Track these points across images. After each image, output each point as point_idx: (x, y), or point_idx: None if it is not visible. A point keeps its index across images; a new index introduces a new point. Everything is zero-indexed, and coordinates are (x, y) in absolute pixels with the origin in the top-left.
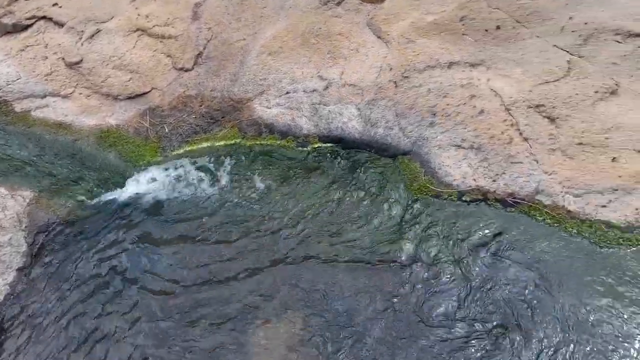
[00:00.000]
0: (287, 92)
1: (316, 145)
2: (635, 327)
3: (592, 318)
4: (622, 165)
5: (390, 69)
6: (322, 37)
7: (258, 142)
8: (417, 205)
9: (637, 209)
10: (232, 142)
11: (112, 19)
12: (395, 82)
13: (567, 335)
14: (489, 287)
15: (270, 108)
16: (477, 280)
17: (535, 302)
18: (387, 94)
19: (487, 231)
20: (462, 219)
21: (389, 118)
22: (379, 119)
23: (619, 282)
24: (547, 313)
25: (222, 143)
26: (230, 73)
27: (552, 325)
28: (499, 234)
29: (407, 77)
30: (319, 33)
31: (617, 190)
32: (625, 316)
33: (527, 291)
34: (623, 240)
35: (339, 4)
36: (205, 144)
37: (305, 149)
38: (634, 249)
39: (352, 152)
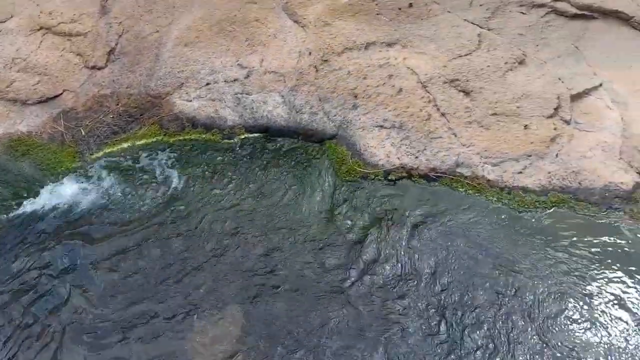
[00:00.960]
0: (208, 84)
1: (243, 137)
2: (555, 284)
3: (517, 278)
4: (534, 132)
5: (310, 53)
6: (238, 25)
7: (181, 138)
8: (346, 189)
9: (549, 173)
10: (154, 139)
11: (11, 18)
12: (315, 67)
13: (496, 296)
14: (419, 259)
15: (191, 101)
16: (407, 254)
17: (463, 269)
18: (309, 79)
19: (413, 207)
20: (390, 197)
21: (313, 103)
22: (303, 105)
23: (539, 243)
24: (476, 277)
25: (143, 142)
26: (146, 68)
27: (481, 289)
28: (425, 208)
29: (326, 60)
30: (235, 20)
31: (530, 156)
32: (546, 273)
33: (455, 260)
34: (539, 204)
35: None
36: (125, 144)
37: (231, 141)
38: (550, 211)
39: (280, 140)
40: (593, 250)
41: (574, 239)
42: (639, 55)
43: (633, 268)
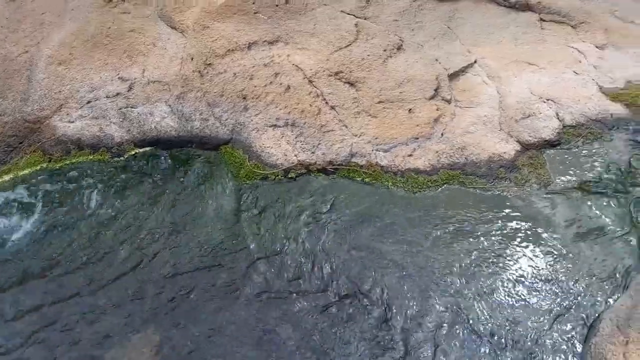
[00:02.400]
0: (89, 102)
1: (133, 153)
2: (453, 256)
3: (419, 257)
4: (418, 115)
5: (192, 58)
6: (114, 37)
7: (68, 162)
8: (247, 193)
9: (437, 152)
10: (38, 167)
11: None
12: (200, 72)
13: (401, 277)
14: (324, 252)
15: (73, 122)
16: (312, 249)
17: (368, 255)
18: (195, 85)
19: (315, 202)
20: (292, 195)
21: (202, 109)
22: (193, 112)
23: (435, 221)
24: (381, 261)
25: (26, 171)
26: (19, 92)
27: (386, 273)
28: (326, 201)
29: (210, 64)
30: (110, 33)
31: (418, 138)
32: (444, 248)
33: (359, 247)
34: (431, 183)
35: None
36: (7, 177)
37: (121, 158)
38: (442, 188)
39: (173, 151)
40: (486, 220)
41: (468, 211)
42: (506, 30)
43: (525, 231)
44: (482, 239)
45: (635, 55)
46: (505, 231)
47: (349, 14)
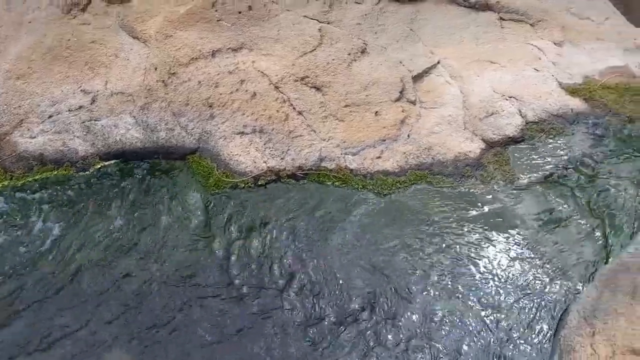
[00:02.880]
0: (50, 116)
1: (98, 166)
2: (423, 257)
3: (393, 258)
4: (384, 117)
5: (156, 68)
6: (74, 49)
7: (31, 179)
8: (216, 202)
9: (404, 153)
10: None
11: None
12: (164, 81)
13: (373, 279)
14: (295, 259)
15: (35, 137)
16: (289, 256)
17: (341, 260)
18: (160, 95)
19: (285, 208)
20: (263, 203)
21: (168, 119)
22: (158, 123)
23: (406, 221)
24: (355, 266)
25: None
26: None
27: (360, 276)
28: (297, 207)
29: (174, 73)
30: (70, 45)
31: (385, 140)
32: (416, 247)
33: (332, 251)
34: (400, 184)
35: (83, 9)
36: None
37: (86, 173)
38: (410, 189)
39: (139, 163)
40: (454, 218)
41: (437, 210)
42: (466, 30)
43: (492, 227)
44: (450, 237)
45: (592, 51)
46: (473, 228)
47: (312, 19)
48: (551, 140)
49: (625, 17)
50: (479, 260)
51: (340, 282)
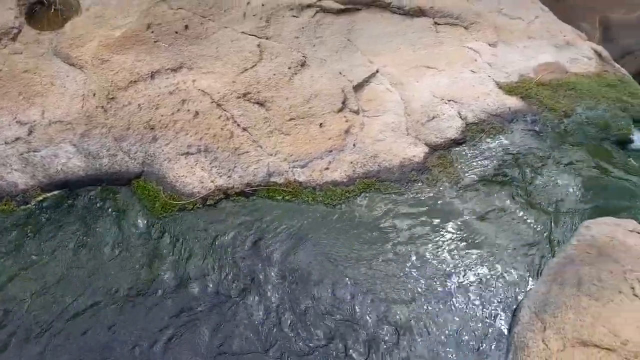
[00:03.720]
0: None
1: (40, 199)
2: (374, 263)
3: (346, 267)
4: (329, 128)
5: (94, 94)
6: (6, 79)
7: None
8: (164, 226)
9: (351, 162)
10: None
11: None
12: (103, 107)
13: (327, 291)
14: (249, 278)
15: None
16: (241, 275)
17: (295, 272)
18: (99, 121)
19: (235, 227)
20: (212, 223)
21: (110, 145)
22: (100, 149)
23: (357, 231)
24: (311, 282)
25: None
26: None
27: (318, 292)
28: (247, 225)
29: (113, 98)
30: (2, 76)
31: (331, 151)
32: (371, 254)
33: (286, 269)
34: (349, 193)
35: (14, 39)
36: None
37: (28, 206)
38: (360, 197)
39: (83, 192)
40: (403, 222)
41: (386, 217)
42: (403, 37)
43: (441, 228)
44: (400, 240)
45: (525, 49)
46: (422, 231)
47: (250, 34)
48: (491, 140)
49: (554, 14)
50: (430, 262)
51: (290, 295)
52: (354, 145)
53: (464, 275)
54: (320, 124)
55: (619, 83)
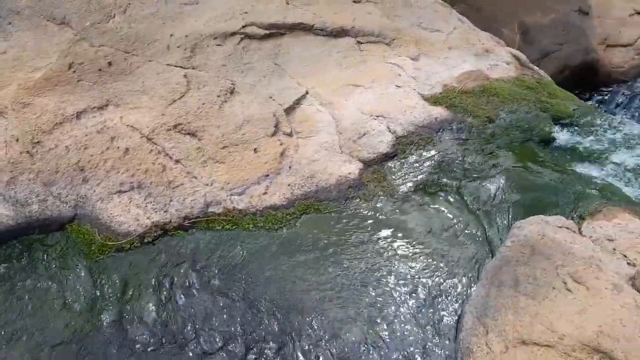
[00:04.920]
0: None
1: None
2: (317, 281)
3: (293, 295)
4: (264, 153)
5: (17, 139)
6: None
7: None
8: (102, 269)
9: (289, 185)
10: None
11: None
12: (28, 152)
13: (272, 316)
14: (189, 319)
15: None
16: (186, 312)
17: (240, 301)
18: (26, 167)
19: (174, 263)
20: (151, 261)
21: (38, 191)
22: (28, 196)
23: (298, 252)
24: (252, 306)
25: None
26: None
27: (263, 325)
28: (189, 258)
29: (38, 142)
30: None
31: (268, 175)
32: (309, 275)
33: (231, 304)
34: (290, 216)
35: None
36: None
37: None
38: (301, 219)
39: (13, 242)
40: (344, 239)
41: (326, 236)
42: (329, 58)
43: (380, 242)
44: (342, 257)
45: (446, 60)
46: (362, 245)
47: (176, 66)
48: (421, 151)
49: (475, 22)
50: (372, 275)
51: (245, 327)
52: (290, 167)
53: (409, 286)
54: (255, 149)
55: (538, 85)
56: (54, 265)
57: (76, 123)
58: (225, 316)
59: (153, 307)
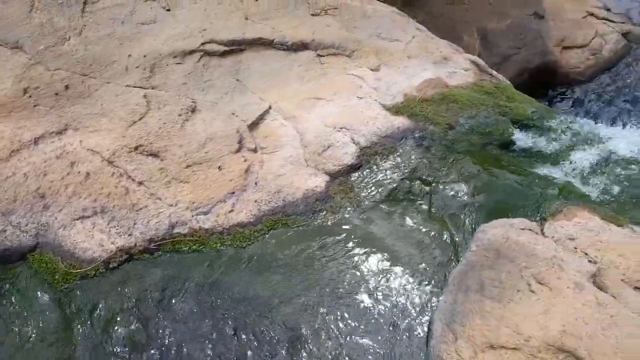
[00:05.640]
0: None
1: None
2: (287, 295)
3: (259, 310)
4: (228, 170)
5: None
6: None
7: None
8: (67, 298)
9: (256, 201)
10: None
11: None
12: None
13: (242, 338)
14: (174, 343)
15: None
16: (161, 342)
17: (211, 322)
18: None
19: (144, 286)
20: (117, 287)
21: None
22: None
23: (271, 270)
24: (227, 327)
25: None
26: None
27: (237, 337)
28: (156, 282)
29: None
30: None
31: (234, 193)
32: (281, 292)
33: (203, 326)
34: (258, 233)
35: None
36: None
37: None
38: (268, 235)
39: None
40: (312, 252)
41: (295, 251)
42: (290, 72)
43: (350, 253)
44: (311, 272)
45: (406, 69)
46: (331, 259)
47: (135, 87)
48: (385, 160)
49: (436, 30)
50: (342, 288)
51: (215, 349)
52: (256, 183)
53: (380, 297)
54: (219, 167)
55: (496, 89)
56: (16, 298)
57: (34, 149)
58: (195, 339)
59: (122, 334)
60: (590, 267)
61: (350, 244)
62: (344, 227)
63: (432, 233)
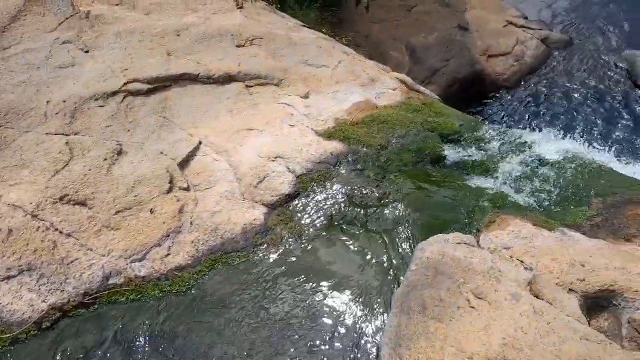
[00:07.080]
0: None
1: None
2: (234, 334)
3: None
4: (161, 212)
5: None
6: None
7: None
8: None
9: (193, 242)
10: None
11: None
12: None
13: None
14: None
15: None
16: None
17: None
18: None
19: (79, 345)
20: (52, 349)
21: None
22: None
23: (209, 312)
24: None
25: None
26: None
27: None
28: (93, 340)
29: None
30: None
31: (169, 235)
32: (224, 334)
33: None
34: (198, 275)
35: None
36: None
37: None
38: (208, 275)
39: None
40: (255, 289)
41: (238, 289)
42: (219, 105)
43: (295, 284)
44: (255, 309)
45: (335, 94)
46: (275, 293)
47: (56, 134)
48: (322, 187)
49: (365, 50)
50: (289, 322)
51: None
52: (191, 223)
53: (327, 327)
54: (151, 210)
55: (424, 107)
56: None
57: None
58: None
59: None
60: (527, 274)
61: (295, 276)
62: (286, 259)
63: (373, 256)
